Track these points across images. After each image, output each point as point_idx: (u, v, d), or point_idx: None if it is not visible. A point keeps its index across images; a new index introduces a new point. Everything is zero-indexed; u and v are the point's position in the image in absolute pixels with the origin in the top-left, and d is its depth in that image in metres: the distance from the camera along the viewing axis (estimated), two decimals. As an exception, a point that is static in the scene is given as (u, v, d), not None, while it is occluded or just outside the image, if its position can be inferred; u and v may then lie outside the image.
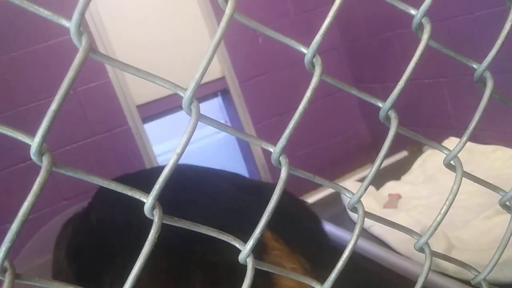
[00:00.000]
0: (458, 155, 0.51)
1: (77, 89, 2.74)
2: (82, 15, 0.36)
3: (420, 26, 0.47)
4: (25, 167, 2.59)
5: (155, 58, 2.89)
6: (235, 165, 4.12)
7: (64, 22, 0.38)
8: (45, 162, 0.37)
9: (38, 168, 0.38)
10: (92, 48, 0.37)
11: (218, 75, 3.08)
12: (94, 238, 1.12)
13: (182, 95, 0.40)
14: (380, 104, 0.46)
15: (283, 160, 0.44)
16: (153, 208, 0.40)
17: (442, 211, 0.49)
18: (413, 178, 2.55)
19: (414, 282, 0.52)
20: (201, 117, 0.41)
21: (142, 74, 0.40)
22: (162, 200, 0.40)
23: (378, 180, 2.55)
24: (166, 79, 0.41)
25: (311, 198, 2.66)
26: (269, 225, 0.42)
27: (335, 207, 2.37)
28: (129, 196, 0.41)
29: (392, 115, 0.45)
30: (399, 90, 0.44)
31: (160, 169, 0.38)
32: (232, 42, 3.05)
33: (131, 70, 0.40)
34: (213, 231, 0.44)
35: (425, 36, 0.46)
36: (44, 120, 0.36)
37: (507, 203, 0.53)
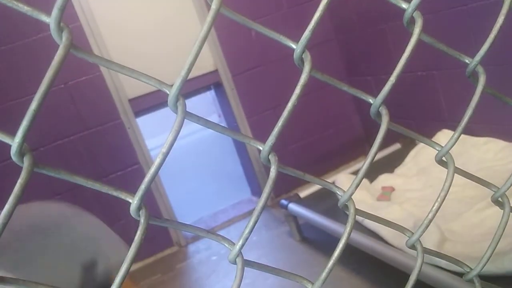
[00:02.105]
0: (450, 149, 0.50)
1: (68, 83, 2.71)
2: (62, 10, 0.35)
3: (412, 20, 0.46)
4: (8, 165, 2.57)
5: (147, 50, 2.87)
6: (229, 158, 4.12)
7: (44, 18, 0.37)
8: (26, 163, 0.36)
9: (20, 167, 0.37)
10: (73, 44, 0.36)
11: (211, 68, 3.06)
12: None
13: (168, 92, 0.39)
14: (370, 101, 0.45)
15: (272, 158, 0.43)
16: (139, 208, 0.39)
17: (434, 208, 0.48)
18: (406, 170, 2.56)
19: (407, 274, 0.51)
20: (187, 115, 0.40)
21: (126, 71, 0.39)
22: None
23: (372, 173, 2.56)
24: (151, 76, 0.40)
25: (305, 191, 2.67)
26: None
27: (329, 200, 2.37)
28: None
29: (383, 111, 0.45)
30: (390, 86, 0.43)
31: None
32: (225, 35, 3.03)
33: (115, 67, 0.39)
34: (201, 231, 0.44)
35: (416, 31, 0.45)
36: (24, 120, 0.35)
37: (499, 199, 0.53)
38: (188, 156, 5.55)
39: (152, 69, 2.80)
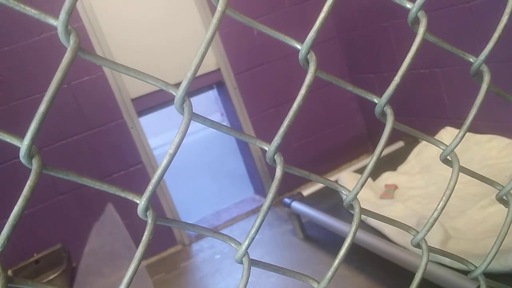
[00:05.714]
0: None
1: (71, 83, 2.72)
2: (70, 14, 0.35)
3: (416, 20, 0.46)
4: (15, 164, 2.58)
5: (149, 46, 2.87)
6: (232, 157, 4.13)
7: (51, 21, 0.37)
8: (35, 165, 0.36)
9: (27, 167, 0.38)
10: (80, 47, 0.36)
11: (213, 67, 3.06)
12: None
13: (174, 94, 0.39)
14: (375, 100, 0.45)
15: (278, 158, 0.43)
16: (146, 209, 0.40)
17: (439, 206, 0.48)
18: (409, 168, 2.56)
19: (411, 273, 0.52)
20: (194, 116, 0.41)
21: (133, 73, 0.39)
22: None
23: (375, 171, 2.56)
24: (157, 78, 0.40)
25: (308, 190, 2.67)
26: None
27: (332, 198, 2.37)
28: None
29: (388, 111, 0.45)
30: (395, 86, 0.43)
31: None
32: (227, 34, 3.03)
33: (122, 69, 0.39)
34: (207, 231, 0.44)
35: (421, 30, 0.45)
36: (33, 122, 0.35)
37: (504, 197, 0.53)
38: (190, 155, 5.56)
39: (154, 65, 2.81)
